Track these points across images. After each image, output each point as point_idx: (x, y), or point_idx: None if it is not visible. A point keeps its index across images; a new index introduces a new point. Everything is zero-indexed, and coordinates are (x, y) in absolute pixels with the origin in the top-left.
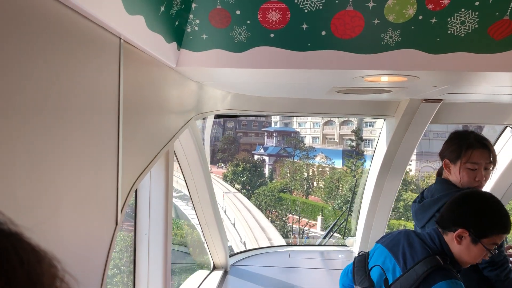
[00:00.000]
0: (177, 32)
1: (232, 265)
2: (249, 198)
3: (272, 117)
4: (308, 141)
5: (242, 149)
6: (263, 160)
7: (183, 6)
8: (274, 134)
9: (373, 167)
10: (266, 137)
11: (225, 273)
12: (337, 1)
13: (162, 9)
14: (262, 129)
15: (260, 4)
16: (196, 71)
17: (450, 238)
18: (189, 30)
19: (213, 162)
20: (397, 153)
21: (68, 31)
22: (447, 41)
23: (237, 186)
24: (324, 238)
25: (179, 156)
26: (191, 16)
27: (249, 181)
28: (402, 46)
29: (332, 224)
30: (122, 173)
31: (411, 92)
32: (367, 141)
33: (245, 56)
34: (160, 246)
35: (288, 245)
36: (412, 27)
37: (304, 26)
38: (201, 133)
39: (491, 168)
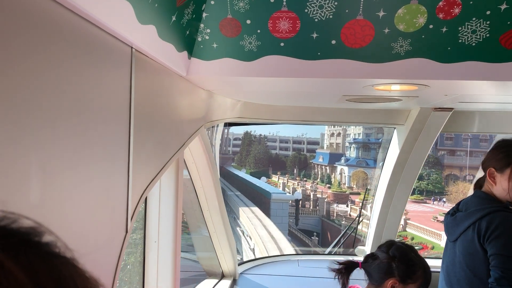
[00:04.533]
0: (188, 41)
1: (241, 273)
2: None
3: None
4: None
5: (447, 175)
6: None
7: (194, 16)
8: None
9: (383, 177)
10: None
11: (234, 281)
12: (347, 11)
13: (174, 18)
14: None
15: (270, 13)
16: (207, 79)
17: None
18: (199, 39)
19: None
20: (408, 162)
21: (82, 40)
22: (458, 50)
23: None
24: (334, 247)
25: (189, 164)
26: (202, 25)
27: None
28: (413, 55)
29: (342, 233)
30: (132, 181)
31: (422, 100)
32: None
33: (255, 65)
34: (169, 254)
35: (297, 254)
36: (423, 36)
37: (314, 35)
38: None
39: None
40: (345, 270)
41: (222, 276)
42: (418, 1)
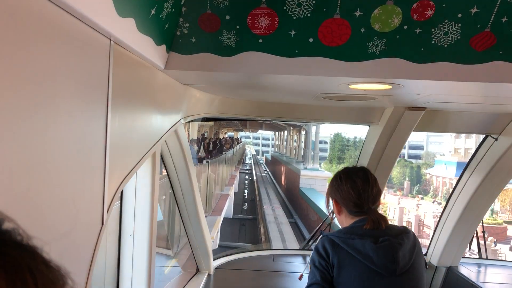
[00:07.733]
0: (166, 35)
1: (216, 268)
2: None
3: None
4: None
5: None
6: None
7: (173, 10)
8: None
9: None
10: None
11: (209, 276)
12: (325, 9)
13: (153, 12)
14: None
15: (249, 9)
16: (185, 74)
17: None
18: (178, 33)
19: None
20: (381, 160)
21: (60, 31)
22: (430, 51)
23: None
24: (308, 243)
25: (165, 157)
26: (181, 19)
27: None
28: (387, 54)
29: (316, 229)
30: (108, 173)
31: (396, 99)
32: None
33: (234, 60)
34: (145, 248)
35: (272, 249)
36: (397, 37)
37: (292, 32)
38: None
39: None
40: None
41: (197, 270)
42: (394, 2)
